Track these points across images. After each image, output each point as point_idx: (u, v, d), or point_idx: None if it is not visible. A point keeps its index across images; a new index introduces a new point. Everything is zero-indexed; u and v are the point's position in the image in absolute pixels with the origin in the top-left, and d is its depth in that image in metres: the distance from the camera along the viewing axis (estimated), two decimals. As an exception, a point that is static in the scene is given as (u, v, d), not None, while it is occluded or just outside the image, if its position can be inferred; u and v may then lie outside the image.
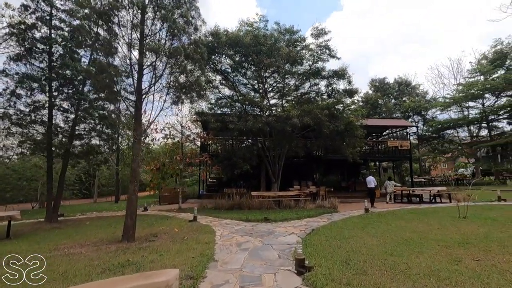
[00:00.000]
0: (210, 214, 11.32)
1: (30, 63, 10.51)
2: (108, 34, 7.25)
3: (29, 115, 10.49)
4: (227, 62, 15.63)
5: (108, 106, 11.89)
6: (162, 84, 7.62)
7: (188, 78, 7.77)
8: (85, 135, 11.58)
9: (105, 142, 12.25)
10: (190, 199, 19.44)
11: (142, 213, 13.21)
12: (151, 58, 7.43)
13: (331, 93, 16.23)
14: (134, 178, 6.97)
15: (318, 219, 9.47)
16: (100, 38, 7.55)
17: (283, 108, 13.74)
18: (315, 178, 23.75)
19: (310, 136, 16.37)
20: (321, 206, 11.78)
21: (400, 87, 40.81)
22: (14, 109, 10.34)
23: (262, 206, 12.25)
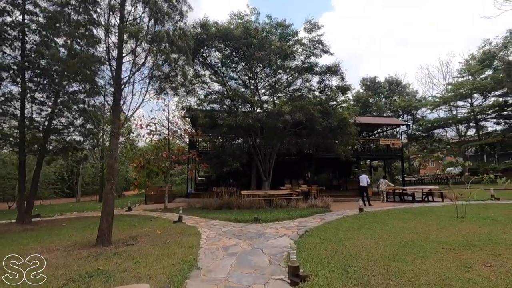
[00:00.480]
0: (197, 214, 10.73)
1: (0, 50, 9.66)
2: (89, 22, 6.55)
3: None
4: (216, 55, 15.01)
5: (89, 100, 11.16)
6: (144, 74, 6.98)
7: (172, 67, 7.14)
8: (62, 130, 10.75)
9: (85, 137, 11.45)
10: (178, 198, 18.74)
11: (125, 213, 12.50)
12: (131, 44, 6.77)
13: (323, 89, 15.82)
14: (111, 175, 6.32)
15: (310, 219, 9.01)
16: (79, 25, 6.86)
17: (275, 104, 13.23)
18: (307, 176, 23.40)
19: (302, 133, 15.93)
20: (313, 205, 11.34)
21: (390, 86, 41.00)
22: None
23: (252, 206, 11.73)
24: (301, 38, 14.78)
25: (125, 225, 8.75)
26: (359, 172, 23.46)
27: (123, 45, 6.81)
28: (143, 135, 12.99)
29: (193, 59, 14.71)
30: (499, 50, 29.37)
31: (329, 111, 13.76)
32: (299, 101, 13.24)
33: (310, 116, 12.39)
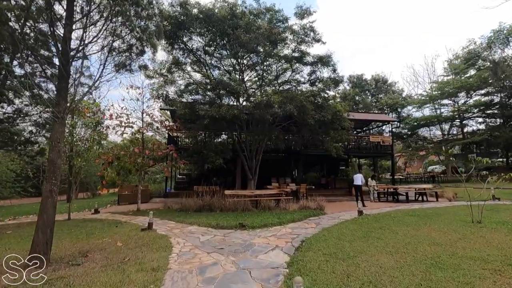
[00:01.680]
0: (173, 217, 9.29)
1: None
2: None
3: None
4: (198, 40, 13.51)
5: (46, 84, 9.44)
6: (99, 42, 5.47)
7: (136, 35, 5.67)
8: (8, 120, 8.97)
9: (40, 128, 9.70)
10: (156, 198, 17.14)
11: (90, 216, 10.86)
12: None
13: (314, 81, 14.68)
14: (51, 173, 4.81)
15: (304, 224, 7.82)
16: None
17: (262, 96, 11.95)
18: (294, 174, 22.36)
19: (291, 129, 14.78)
20: (305, 207, 10.17)
21: (377, 84, 40.74)
22: None
23: (237, 207, 10.42)
24: (291, 24, 13.57)
25: (82, 233, 7.20)
26: (348, 170, 22.69)
27: (74, 4, 5.28)
28: (113, 127, 11.27)
29: (172, 43, 13.22)
30: (483, 50, 29.48)
31: (322, 103, 12.64)
32: (289, 93, 12.04)
33: (301, 109, 11.21)
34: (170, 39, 12.77)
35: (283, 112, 10.90)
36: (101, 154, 10.89)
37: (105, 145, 11.98)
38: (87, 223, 8.90)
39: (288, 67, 14.66)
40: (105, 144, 12.41)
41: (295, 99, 11.00)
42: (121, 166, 11.57)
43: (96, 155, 10.81)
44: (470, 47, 30.82)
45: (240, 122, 13.41)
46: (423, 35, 67.17)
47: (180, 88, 14.34)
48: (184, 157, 14.35)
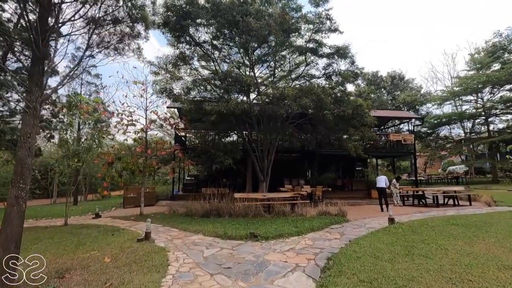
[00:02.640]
0: (177, 224, 8.34)
1: None
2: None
3: None
4: (205, 31, 12.58)
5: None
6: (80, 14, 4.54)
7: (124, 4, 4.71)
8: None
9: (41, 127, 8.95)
10: (163, 200, 16.32)
11: (89, 221, 10.07)
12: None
13: (330, 75, 13.50)
14: (19, 176, 3.90)
15: (326, 233, 6.70)
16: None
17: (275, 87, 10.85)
18: (308, 176, 21.15)
19: (306, 127, 13.65)
20: (325, 212, 9.02)
21: (393, 81, 39.06)
22: None
23: (248, 213, 9.37)
24: (306, 13, 12.46)
25: (72, 243, 6.32)
26: (366, 171, 21.27)
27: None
28: (114, 125, 10.45)
29: (178, 37, 12.34)
30: (510, 42, 27.47)
31: (341, 97, 11.47)
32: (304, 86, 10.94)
33: (319, 103, 10.08)
34: (176, 31, 11.89)
35: (298, 107, 9.81)
36: (101, 154, 10.07)
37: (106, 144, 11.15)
38: (82, 230, 8.05)
39: (302, 60, 13.55)
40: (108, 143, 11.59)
41: (312, 92, 9.88)
42: (124, 167, 10.75)
43: (95, 155, 9.99)
44: (495, 39, 28.83)
45: (250, 119, 12.40)
46: (436, 25, 64.35)
47: (187, 85, 13.46)
48: (191, 157, 13.46)
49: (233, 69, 11.34)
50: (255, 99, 12.52)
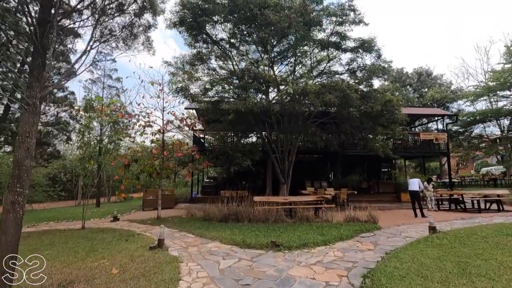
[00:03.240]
0: (194, 229, 7.90)
1: None
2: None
3: None
4: (221, 29, 12.17)
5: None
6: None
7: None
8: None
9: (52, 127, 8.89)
10: (182, 203, 16.10)
11: (106, 224, 9.91)
12: None
13: (355, 70, 12.64)
14: (16, 179, 3.55)
15: (357, 243, 5.95)
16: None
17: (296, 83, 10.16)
18: (330, 178, 20.19)
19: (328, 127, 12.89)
20: (353, 218, 8.21)
21: (420, 77, 37.02)
22: None
23: (269, 217, 8.75)
24: (328, 4, 11.72)
25: (84, 249, 6.01)
26: (394, 172, 19.98)
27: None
28: (132, 126, 10.24)
29: (195, 36, 12.02)
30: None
31: (368, 92, 10.61)
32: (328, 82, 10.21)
33: (344, 99, 9.31)
34: (192, 30, 11.56)
35: (321, 104, 9.08)
36: (117, 156, 9.88)
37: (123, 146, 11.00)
38: (98, 235, 7.80)
39: (324, 57, 12.80)
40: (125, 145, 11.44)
41: (336, 88, 9.13)
42: (141, 169, 10.52)
43: (112, 157, 9.81)
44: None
45: (270, 119, 11.81)
46: (459, 15, 60.50)
47: (204, 85, 13.10)
48: (210, 158, 13.09)
49: (251, 66, 10.79)
50: (275, 98, 11.93)
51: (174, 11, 11.18)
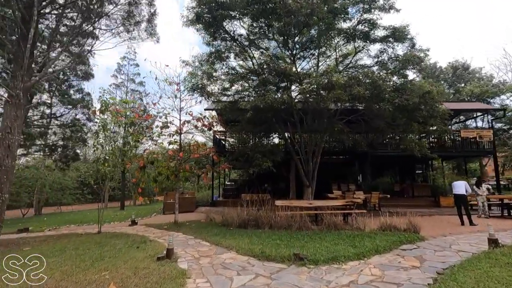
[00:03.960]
0: (210, 236, 7.27)
1: None
2: None
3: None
4: (240, 25, 11.59)
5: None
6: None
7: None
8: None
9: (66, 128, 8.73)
10: (202, 206, 15.69)
11: (123, 229, 9.61)
12: None
13: (386, 62, 11.49)
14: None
15: (397, 257, 4.98)
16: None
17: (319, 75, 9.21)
18: (359, 180, 18.87)
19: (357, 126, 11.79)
20: (389, 226, 7.15)
21: (456, 72, 34.23)
22: None
23: (291, 224, 7.92)
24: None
25: (91, 258, 5.58)
26: (432, 174, 18.22)
27: None
28: (150, 127, 9.90)
29: (213, 33, 11.55)
30: None
31: (403, 84, 9.48)
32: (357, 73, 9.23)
33: (375, 91, 8.29)
34: (209, 26, 11.08)
35: (348, 97, 8.13)
36: (133, 158, 9.56)
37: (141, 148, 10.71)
38: (111, 240, 7.42)
39: (351, 51, 11.83)
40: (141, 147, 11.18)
41: (366, 79, 8.14)
42: (159, 171, 10.13)
43: (128, 159, 9.52)
44: None
45: (292, 117, 11.00)
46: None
47: (223, 85, 12.57)
48: (229, 160, 12.51)
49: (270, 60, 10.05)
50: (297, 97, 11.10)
51: (190, 7, 10.80)
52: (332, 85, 7.82)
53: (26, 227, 10.56)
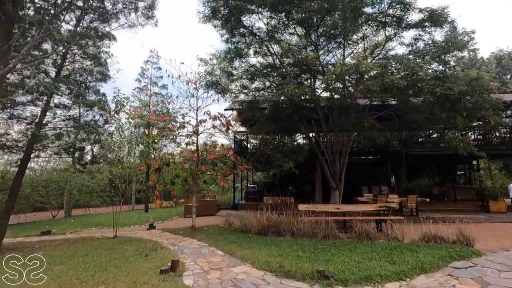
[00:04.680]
0: (224, 244, 6.62)
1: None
2: None
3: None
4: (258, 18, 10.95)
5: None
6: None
7: None
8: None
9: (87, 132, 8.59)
10: (224, 209, 15.16)
11: (139, 234, 9.29)
12: None
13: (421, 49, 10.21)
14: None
15: (450, 279, 3.98)
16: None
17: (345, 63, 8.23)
18: (391, 182, 17.33)
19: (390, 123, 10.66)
20: (434, 237, 6.03)
21: (501, 62, 31.10)
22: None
23: (316, 231, 7.04)
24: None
25: (97, 265, 5.19)
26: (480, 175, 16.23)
27: None
28: (168, 127, 9.54)
29: (232, 30, 11.03)
30: None
31: (444, 72, 8.27)
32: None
33: (411, 79, 7.20)
34: (226, 22, 10.58)
35: (380, 87, 7.10)
36: (148, 160, 9.22)
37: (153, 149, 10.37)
38: (122, 246, 7.05)
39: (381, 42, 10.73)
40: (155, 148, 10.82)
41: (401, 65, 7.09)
42: (176, 173, 9.73)
43: (144, 160, 9.21)
44: None
45: (316, 115, 10.13)
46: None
47: (242, 83, 11.97)
48: (251, 161, 11.86)
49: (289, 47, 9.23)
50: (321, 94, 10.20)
51: (205, 1, 10.37)
52: (360, 73, 6.86)
53: (48, 229, 10.62)
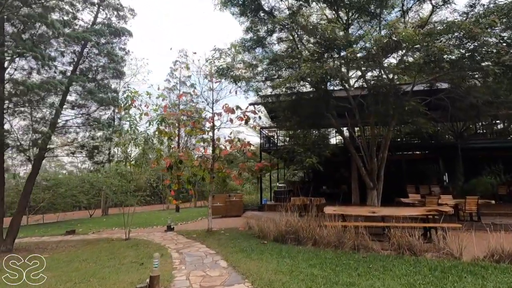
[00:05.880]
0: (232, 253, 5.67)
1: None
2: None
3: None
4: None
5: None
6: None
7: None
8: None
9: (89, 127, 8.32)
10: (250, 210, 14.29)
11: (153, 236, 8.87)
12: None
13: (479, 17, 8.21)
14: None
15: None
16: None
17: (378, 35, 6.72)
18: (444, 181, 14.87)
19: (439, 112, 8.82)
20: (508, 254, 4.42)
21: None
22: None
23: (342, 241, 5.72)
24: None
25: (89, 273, 4.76)
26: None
27: None
28: (183, 122, 8.94)
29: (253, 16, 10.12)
30: None
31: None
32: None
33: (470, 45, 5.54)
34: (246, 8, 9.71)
35: (425, 59, 5.54)
36: (160, 158, 8.67)
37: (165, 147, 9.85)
38: (125, 251, 6.52)
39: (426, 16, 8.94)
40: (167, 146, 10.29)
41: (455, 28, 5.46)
42: (193, 172, 9.08)
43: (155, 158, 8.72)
44: None
45: (349, 104, 8.72)
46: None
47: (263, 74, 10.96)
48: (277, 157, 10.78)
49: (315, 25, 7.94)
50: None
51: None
52: (398, 42, 5.40)
53: (73, 229, 10.70)
